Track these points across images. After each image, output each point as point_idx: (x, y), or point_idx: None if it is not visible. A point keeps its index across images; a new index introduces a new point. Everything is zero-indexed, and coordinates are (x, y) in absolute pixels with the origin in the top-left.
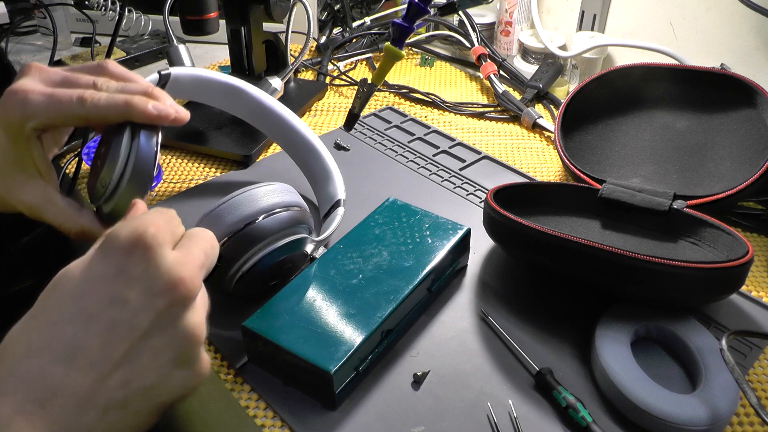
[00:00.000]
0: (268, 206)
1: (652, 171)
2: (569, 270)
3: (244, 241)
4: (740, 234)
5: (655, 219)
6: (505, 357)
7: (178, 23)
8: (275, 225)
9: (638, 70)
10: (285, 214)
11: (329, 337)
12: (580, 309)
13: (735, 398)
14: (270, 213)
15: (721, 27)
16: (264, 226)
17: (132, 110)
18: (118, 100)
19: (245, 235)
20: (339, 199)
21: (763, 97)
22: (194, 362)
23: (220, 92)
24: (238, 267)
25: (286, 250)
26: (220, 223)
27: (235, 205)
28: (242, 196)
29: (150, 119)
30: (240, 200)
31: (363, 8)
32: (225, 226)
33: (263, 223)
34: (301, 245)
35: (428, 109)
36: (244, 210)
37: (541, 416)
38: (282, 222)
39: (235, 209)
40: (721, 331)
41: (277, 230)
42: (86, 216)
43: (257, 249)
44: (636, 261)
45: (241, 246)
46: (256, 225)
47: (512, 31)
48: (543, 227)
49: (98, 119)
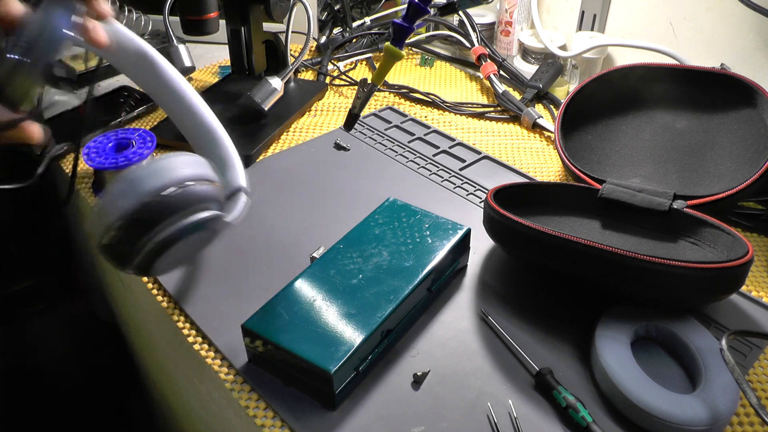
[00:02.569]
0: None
1: (652, 171)
2: (569, 270)
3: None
4: (740, 234)
5: (655, 219)
6: (505, 357)
7: (178, 23)
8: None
9: (638, 70)
10: (198, 188)
11: (329, 337)
12: (580, 309)
13: (735, 398)
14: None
15: (721, 27)
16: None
17: None
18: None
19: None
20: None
21: (763, 97)
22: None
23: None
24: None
25: (196, 228)
26: (133, 190)
27: (150, 172)
28: (161, 163)
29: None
30: (159, 167)
31: (363, 8)
32: (138, 195)
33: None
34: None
35: (428, 109)
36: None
37: (541, 416)
38: (194, 195)
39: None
40: (721, 331)
41: (188, 204)
42: None
43: (170, 221)
44: (636, 261)
45: (154, 215)
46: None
47: (512, 31)
48: (543, 227)
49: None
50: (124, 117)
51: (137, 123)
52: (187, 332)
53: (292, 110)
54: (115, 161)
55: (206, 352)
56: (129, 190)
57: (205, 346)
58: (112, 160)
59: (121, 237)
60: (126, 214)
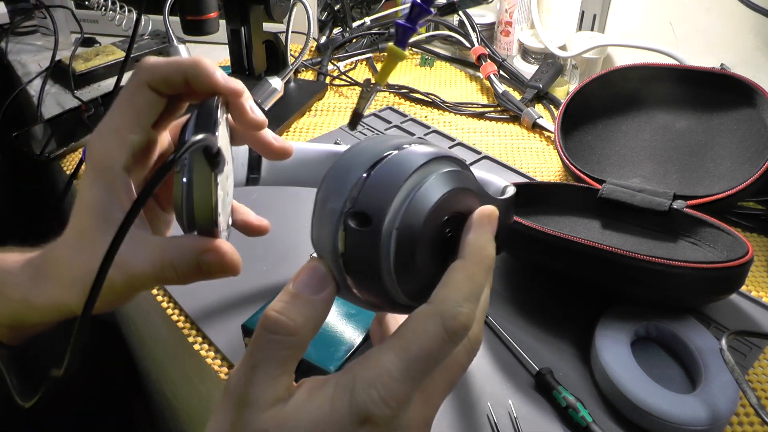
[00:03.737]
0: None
1: (652, 171)
2: (569, 270)
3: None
4: (740, 234)
5: (655, 219)
6: (505, 357)
7: (178, 23)
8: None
9: (638, 70)
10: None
11: (329, 337)
12: (580, 309)
13: (735, 398)
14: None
15: (721, 27)
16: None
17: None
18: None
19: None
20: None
21: (762, 97)
22: None
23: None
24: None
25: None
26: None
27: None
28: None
29: (213, 86)
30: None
31: (363, 8)
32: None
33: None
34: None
35: (428, 109)
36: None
37: (541, 416)
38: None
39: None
40: (721, 331)
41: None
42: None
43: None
44: (636, 261)
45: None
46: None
47: (512, 31)
48: (543, 227)
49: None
50: None
51: None
52: (187, 332)
53: (292, 110)
54: None
55: (206, 352)
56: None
57: (205, 346)
58: None
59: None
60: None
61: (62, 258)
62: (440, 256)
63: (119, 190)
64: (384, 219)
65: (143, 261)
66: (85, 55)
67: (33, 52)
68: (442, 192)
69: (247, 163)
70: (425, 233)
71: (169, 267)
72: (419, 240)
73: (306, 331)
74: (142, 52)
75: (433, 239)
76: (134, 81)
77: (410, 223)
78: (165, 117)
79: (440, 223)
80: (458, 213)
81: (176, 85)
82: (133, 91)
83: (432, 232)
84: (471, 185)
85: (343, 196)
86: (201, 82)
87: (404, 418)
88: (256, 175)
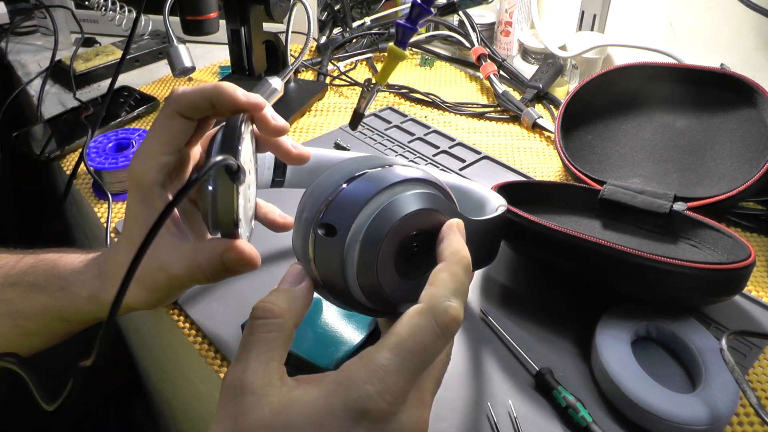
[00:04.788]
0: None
1: (652, 170)
2: (574, 267)
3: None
4: (741, 236)
5: (656, 221)
6: (505, 357)
7: (178, 23)
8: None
9: (638, 70)
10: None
11: (329, 337)
12: (580, 309)
13: (735, 398)
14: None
15: (721, 27)
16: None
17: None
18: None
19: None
20: (499, 204)
21: (763, 97)
22: None
23: None
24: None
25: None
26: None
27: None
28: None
29: (236, 105)
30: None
31: (363, 8)
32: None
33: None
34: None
35: (428, 109)
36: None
37: (541, 416)
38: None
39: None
40: (721, 331)
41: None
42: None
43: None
44: (643, 259)
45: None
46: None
47: (512, 31)
48: (554, 225)
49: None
50: (124, 117)
51: (137, 123)
52: (187, 332)
53: (292, 110)
54: (115, 161)
55: (206, 352)
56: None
57: (205, 346)
58: (112, 160)
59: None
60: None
61: (120, 261)
62: (404, 268)
63: (158, 204)
64: (348, 230)
65: (178, 266)
66: (85, 55)
67: (33, 52)
68: (407, 210)
69: (272, 168)
70: (388, 246)
71: (197, 268)
72: (382, 252)
73: (290, 315)
74: (142, 52)
75: (398, 252)
76: (166, 110)
77: (373, 237)
78: (196, 134)
79: (406, 238)
80: (425, 230)
81: (203, 110)
82: (166, 120)
83: (396, 246)
84: (440, 206)
85: (315, 208)
86: (225, 104)
87: (401, 416)
88: (281, 178)
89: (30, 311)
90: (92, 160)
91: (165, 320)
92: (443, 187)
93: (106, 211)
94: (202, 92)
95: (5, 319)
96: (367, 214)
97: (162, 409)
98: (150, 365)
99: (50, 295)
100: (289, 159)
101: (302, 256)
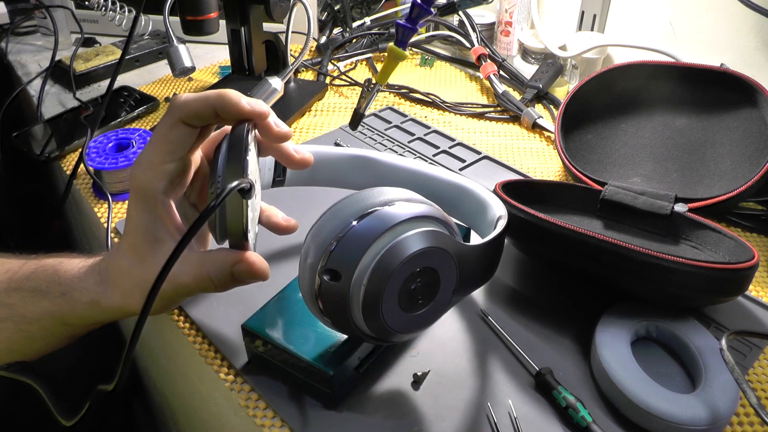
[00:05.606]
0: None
1: (652, 169)
2: (577, 263)
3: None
4: (742, 237)
5: (657, 222)
6: (505, 357)
7: (178, 23)
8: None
9: (637, 69)
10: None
11: (329, 337)
12: (580, 309)
13: (735, 398)
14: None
15: (721, 27)
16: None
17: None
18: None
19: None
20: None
21: (763, 96)
22: None
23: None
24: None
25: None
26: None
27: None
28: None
29: (240, 114)
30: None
31: (363, 8)
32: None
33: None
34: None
35: (428, 109)
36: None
37: (541, 416)
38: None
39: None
40: (721, 331)
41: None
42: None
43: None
44: (651, 258)
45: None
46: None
47: (512, 31)
48: (565, 223)
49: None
50: (124, 117)
51: (137, 123)
52: (187, 332)
53: (292, 110)
54: (115, 161)
55: (206, 352)
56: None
57: (205, 346)
58: (112, 161)
59: None
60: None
61: (122, 269)
62: (407, 303)
63: (161, 212)
64: (353, 275)
65: (186, 275)
66: (85, 55)
67: (33, 52)
68: (409, 252)
69: (273, 168)
70: (392, 287)
71: (206, 279)
72: (385, 293)
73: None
74: (142, 52)
75: (401, 290)
76: (169, 118)
77: (377, 279)
78: (197, 140)
79: (409, 276)
80: (428, 267)
81: (207, 118)
82: (168, 128)
83: (400, 285)
84: (442, 243)
85: (318, 254)
86: (229, 113)
87: None
88: (282, 178)
89: (33, 316)
90: (92, 160)
91: (165, 320)
92: (445, 220)
93: (106, 211)
94: (206, 100)
95: (9, 323)
96: (370, 258)
97: (162, 409)
98: (150, 365)
99: (52, 300)
100: (291, 164)
101: (309, 298)
